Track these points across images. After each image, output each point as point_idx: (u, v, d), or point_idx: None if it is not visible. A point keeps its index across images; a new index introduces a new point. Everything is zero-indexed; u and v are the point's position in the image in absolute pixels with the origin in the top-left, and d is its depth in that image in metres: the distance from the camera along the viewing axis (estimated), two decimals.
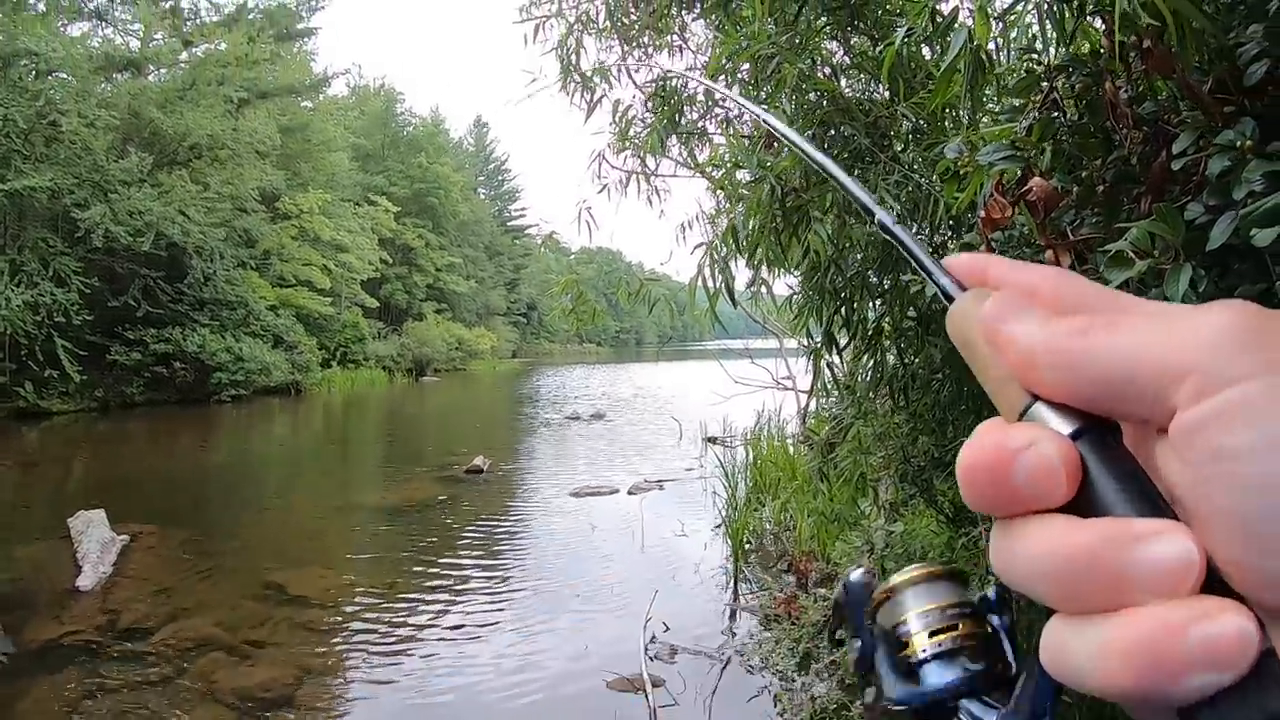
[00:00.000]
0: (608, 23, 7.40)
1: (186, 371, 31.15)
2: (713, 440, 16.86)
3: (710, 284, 4.38)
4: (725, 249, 4.37)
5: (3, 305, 24.85)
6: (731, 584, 8.81)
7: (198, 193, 31.81)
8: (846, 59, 4.59)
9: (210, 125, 32.02)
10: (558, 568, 9.73)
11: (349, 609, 8.49)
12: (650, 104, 7.07)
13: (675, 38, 7.79)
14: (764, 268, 4.65)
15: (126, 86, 32.73)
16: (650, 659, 6.99)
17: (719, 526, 10.58)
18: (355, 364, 44.54)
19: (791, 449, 11.66)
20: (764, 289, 5.00)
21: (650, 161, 7.47)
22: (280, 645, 7.62)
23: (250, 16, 37.75)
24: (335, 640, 7.73)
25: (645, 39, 7.72)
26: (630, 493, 13.34)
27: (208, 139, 32.30)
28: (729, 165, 5.56)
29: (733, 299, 4.50)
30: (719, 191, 6.68)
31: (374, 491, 14.94)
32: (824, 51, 4.46)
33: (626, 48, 7.64)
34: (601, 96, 7.49)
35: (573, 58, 7.43)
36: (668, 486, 13.64)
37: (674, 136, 6.90)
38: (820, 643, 6.85)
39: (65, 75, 28.89)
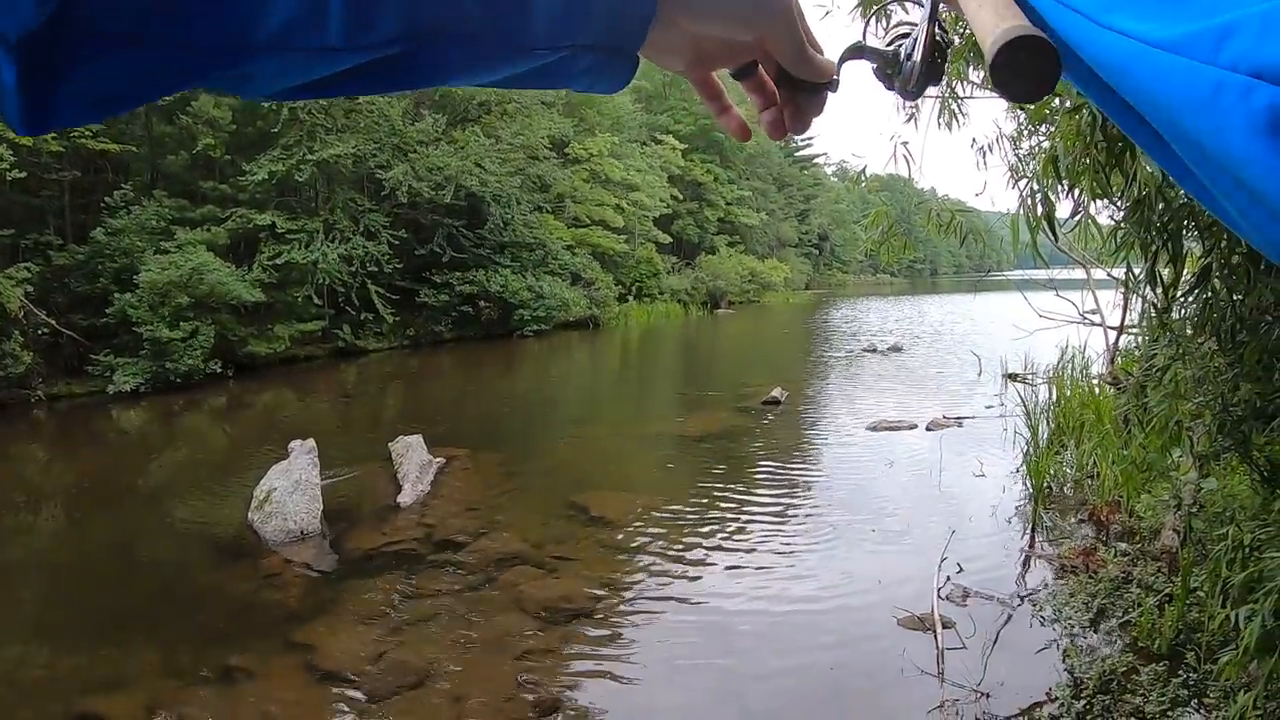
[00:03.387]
0: None
1: (491, 309, 32.66)
2: (1013, 377, 15.76)
3: (1031, 217, 4.10)
4: (1045, 181, 4.09)
5: (321, 259, 27.07)
6: (1029, 530, 8.07)
7: (491, 145, 33.05)
8: None
9: None
10: (853, 502, 9.24)
11: (647, 531, 8.35)
12: (950, 27, 6.56)
13: None
14: (1085, 199, 4.21)
15: None
16: (942, 599, 6.52)
17: (1019, 469, 9.76)
18: (651, 298, 45.18)
19: (1097, 389, 10.61)
20: (1088, 224, 4.51)
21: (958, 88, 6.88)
22: (582, 561, 7.65)
23: None
24: (633, 559, 7.62)
25: None
26: (928, 429, 12.58)
27: (495, 95, 33.43)
28: None
29: (1054, 233, 4.15)
30: (1019, 112, 6.16)
31: (672, 420, 14.83)
32: None
33: None
34: (899, 22, 6.96)
35: None
36: (967, 424, 12.77)
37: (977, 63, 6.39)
38: (1116, 600, 6.31)
39: None
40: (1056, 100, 4.14)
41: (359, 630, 6.46)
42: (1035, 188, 4.12)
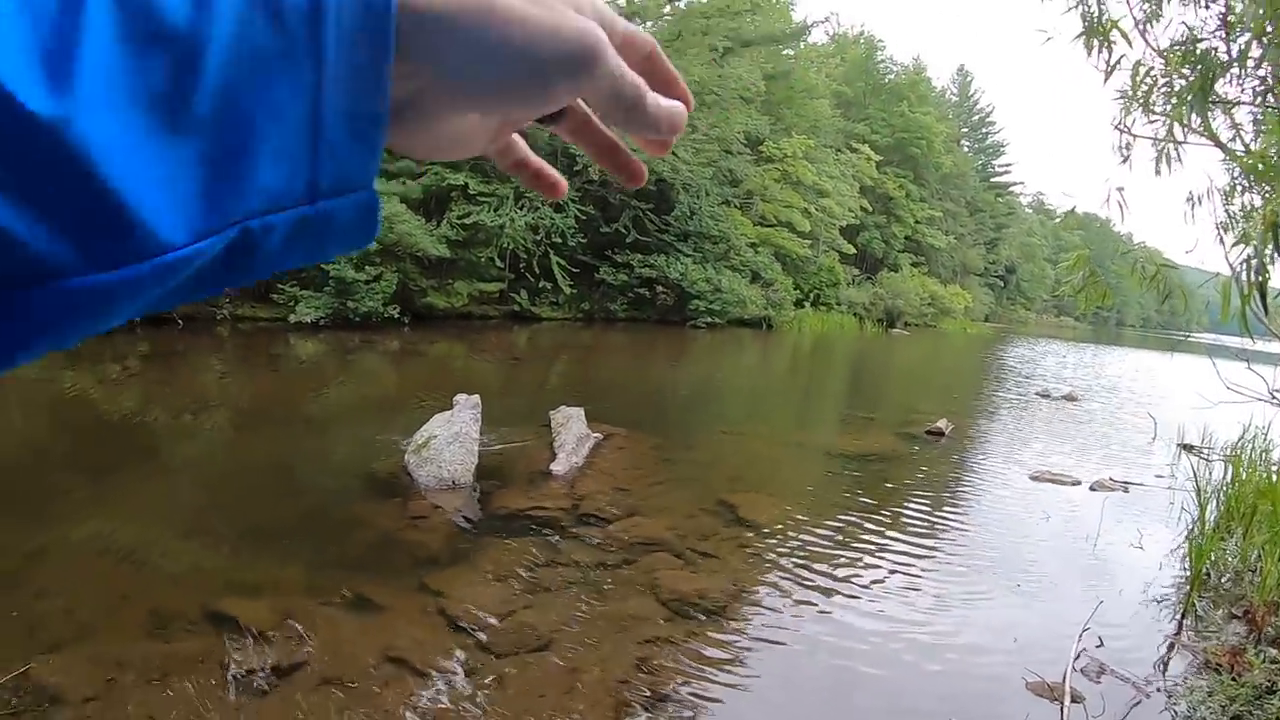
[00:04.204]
0: None
1: (667, 295, 32.93)
2: (1188, 448, 14.77)
3: (1245, 285, 3.73)
4: (1264, 248, 3.67)
5: (508, 224, 27.65)
6: (1179, 616, 7.51)
7: (686, 134, 33.04)
8: None
9: (697, 72, 33.39)
10: (1002, 550, 8.76)
11: (790, 543, 8.08)
12: (1171, 66, 6.20)
13: None
14: None
15: None
16: (1076, 671, 6.09)
17: (1179, 548, 9.14)
18: (827, 307, 44.69)
19: (1276, 477, 9.85)
20: None
21: (1176, 131, 6.47)
22: (721, 560, 7.45)
23: None
24: (771, 569, 7.37)
25: None
26: (1092, 489, 11.87)
27: (695, 84, 33.57)
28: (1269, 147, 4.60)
29: (1265, 304, 3.79)
30: (1233, 164, 5.74)
31: (831, 434, 14.53)
32: None
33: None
34: (1121, 56, 6.59)
35: (1095, 13, 6.57)
36: (1133, 490, 11.99)
37: (1199, 108, 6.00)
38: (1255, 709, 5.74)
39: None
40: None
41: (492, 586, 6.48)
42: (1251, 254, 3.81)
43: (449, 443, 9.13)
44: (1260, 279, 3.81)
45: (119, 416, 11.98)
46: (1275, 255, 3.77)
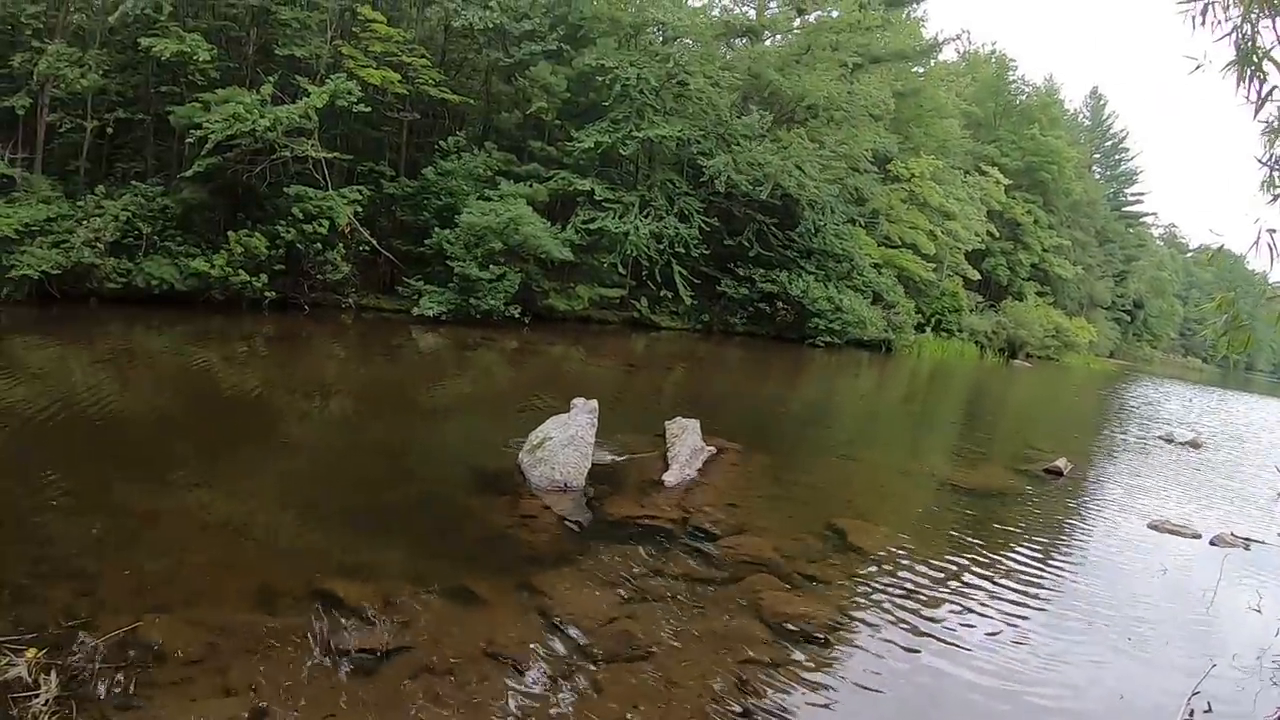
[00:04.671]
0: None
1: (787, 312, 32.72)
2: None
3: None
4: None
5: (632, 232, 27.98)
6: None
7: (813, 150, 32.96)
8: None
9: (825, 87, 33.03)
10: (1115, 603, 8.26)
11: (898, 576, 7.81)
12: None
13: None
14: None
15: (746, 51, 35.20)
16: None
17: None
18: (948, 333, 43.54)
19: None
20: None
21: None
22: (827, 585, 7.28)
23: None
24: (877, 603, 7.11)
25: None
26: (1212, 543, 11.22)
27: (824, 100, 33.39)
28: None
29: None
30: None
31: (946, 465, 14.09)
32: None
33: None
34: (1274, 88, 6.23)
35: (1249, 44, 6.24)
36: (1255, 548, 11.33)
37: None
38: None
39: (689, 41, 32.31)
40: None
41: (595, 590, 6.45)
42: None
43: (564, 445, 9.16)
44: None
45: (240, 393, 12.37)
46: None
